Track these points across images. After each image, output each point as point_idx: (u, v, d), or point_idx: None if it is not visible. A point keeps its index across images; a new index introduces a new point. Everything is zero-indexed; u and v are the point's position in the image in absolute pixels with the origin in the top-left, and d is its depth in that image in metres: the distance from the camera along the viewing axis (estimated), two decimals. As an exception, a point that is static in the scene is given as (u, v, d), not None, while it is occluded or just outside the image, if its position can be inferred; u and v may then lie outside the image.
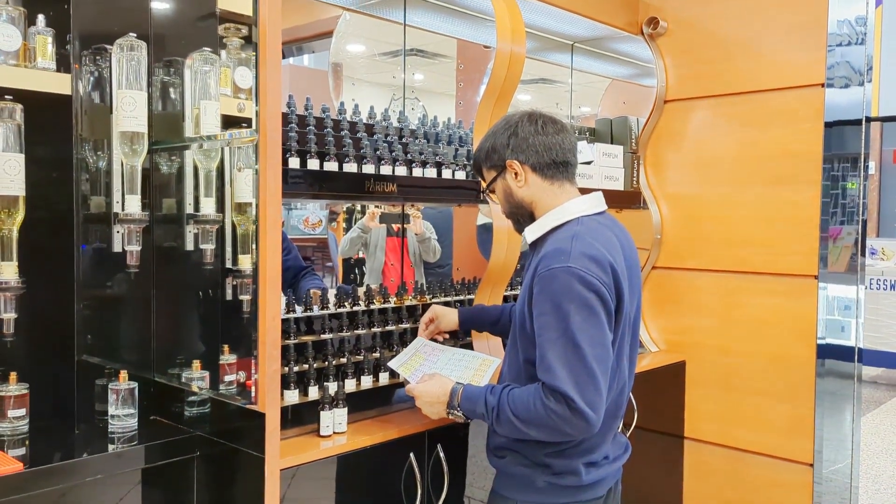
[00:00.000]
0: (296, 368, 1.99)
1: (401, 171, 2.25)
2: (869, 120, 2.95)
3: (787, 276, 2.83)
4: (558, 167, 1.80)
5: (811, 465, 2.81)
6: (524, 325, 1.74)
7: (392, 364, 2.05)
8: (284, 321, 2.01)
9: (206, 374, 1.96)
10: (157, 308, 1.95)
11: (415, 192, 2.27)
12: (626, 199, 3.10)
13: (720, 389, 3.01)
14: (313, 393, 2.01)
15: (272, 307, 1.62)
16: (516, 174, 1.80)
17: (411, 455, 2.04)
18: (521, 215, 1.86)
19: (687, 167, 3.10)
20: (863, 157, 2.94)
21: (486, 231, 3.25)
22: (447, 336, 2.27)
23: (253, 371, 1.76)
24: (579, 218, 1.77)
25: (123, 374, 1.83)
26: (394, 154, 2.25)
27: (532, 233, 1.82)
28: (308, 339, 2.09)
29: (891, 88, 8.60)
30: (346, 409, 1.97)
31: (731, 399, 2.98)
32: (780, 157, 2.83)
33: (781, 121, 2.83)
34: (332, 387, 2.00)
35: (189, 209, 1.95)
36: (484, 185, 1.93)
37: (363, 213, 2.70)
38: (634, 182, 3.15)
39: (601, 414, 1.61)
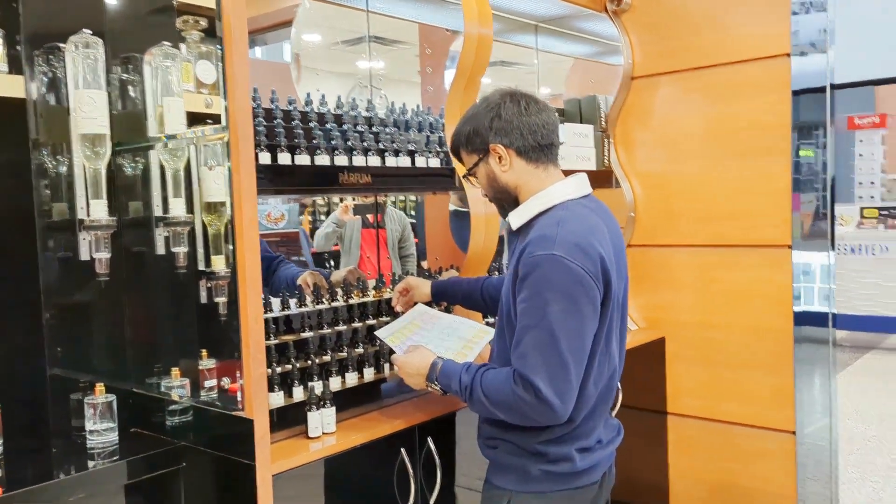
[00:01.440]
0: (279, 370, 1.93)
1: (374, 161, 2.19)
2: (834, 87, 2.97)
3: (761, 248, 2.85)
4: (543, 150, 1.75)
5: (793, 433, 2.84)
6: (509, 313, 1.71)
7: (379, 333, 2.04)
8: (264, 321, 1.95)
9: (186, 381, 1.89)
10: (129, 316, 1.88)
11: (390, 181, 2.22)
12: (598, 178, 3.07)
13: (701, 364, 3.02)
14: (298, 394, 1.95)
15: (254, 308, 1.56)
16: (500, 158, 1.74)
17: (402, 451, 2.01)
18: (506, 200, 1.81)
19: (657, 144, 3.09)
20: (828, 124, 2.97)
21: (457, 218, 3.22)
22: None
23: (238, 376, 1.70)
24: (565, 203, 1.73)
25: (100, 386, 1.75)
26: (365, 144, 2.19)
27: (517, 219, 1.77)
28: (289, 338, 2.03)
29: (842, 56, 8.71)
30: (333, 408, 1.92)
31: (713, 373, 2.99)
32: (750, 129, 2.84)
33: (749, 93, 2.83)
34: (318, 387, 1.94)
35: (157, 211, 1.87)
36: (463, 169, 1.88)
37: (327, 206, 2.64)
38: (606, 161, 3.13)
39: (570, 404, 1.61)
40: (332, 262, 2.59)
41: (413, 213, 3.02)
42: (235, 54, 1.50)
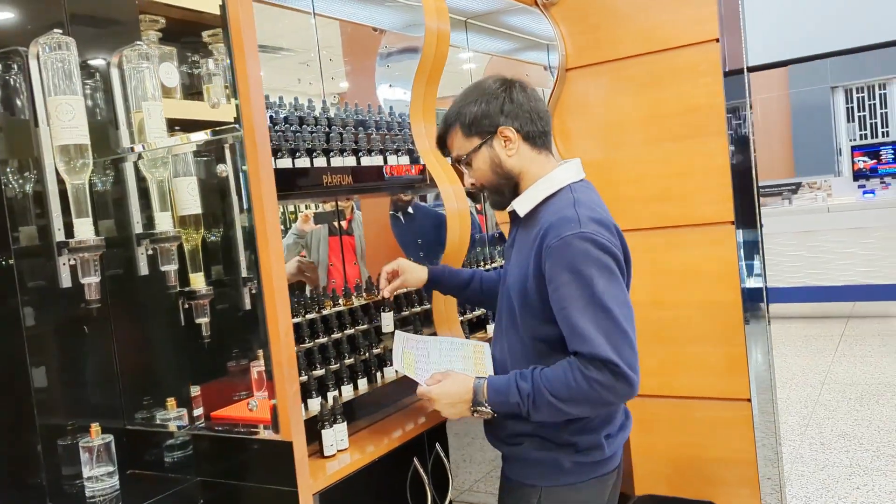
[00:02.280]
0: (283, 388, 1.81)
1: (350, 161, 2.10)
2: (759, 68, 3.14)
3: (705, 226, 2.96)
4: (545, 136, 1.75)
5: (749, 400, 2.97)
6: (527, 303, 1.66)
7: (396, 366, 1.88)
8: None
9: (183, 411, 1.74)
10: (118, 347, 1.69)
11: (369, 182, 2.14)
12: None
13: (656, 343, 3.10)
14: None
15: (284, 321, 1.44)
16: (508, 141, 1.70)
17: (415, 460, 1.93)
18: (507, 187, 1.75)
19: (596, 133, 3.15)
20: (749, 105, 3.14)
21: (400, 221, 3.15)
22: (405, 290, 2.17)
23: (257, 395, 1.57)
24: (570, 185, 1.72)
25: (95, 427, 1.57)
26: (343, 143, 2.09)
27: (523, 205, 1.74)
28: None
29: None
30: (345, 423, 1.82)
31: (668, 351, 3.08)
32: (685, 112, 2.94)
33: (682, 78, 2.93)
34: (330, 400, 1.83)
35: (138, 228, 1.70)
36: (456, 154, 1.78)
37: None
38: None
39: (638, 373, 1.56)
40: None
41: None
42: (247, 45, 1.38)
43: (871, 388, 5.08)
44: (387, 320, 2.09)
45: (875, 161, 7.68)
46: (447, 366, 1.84)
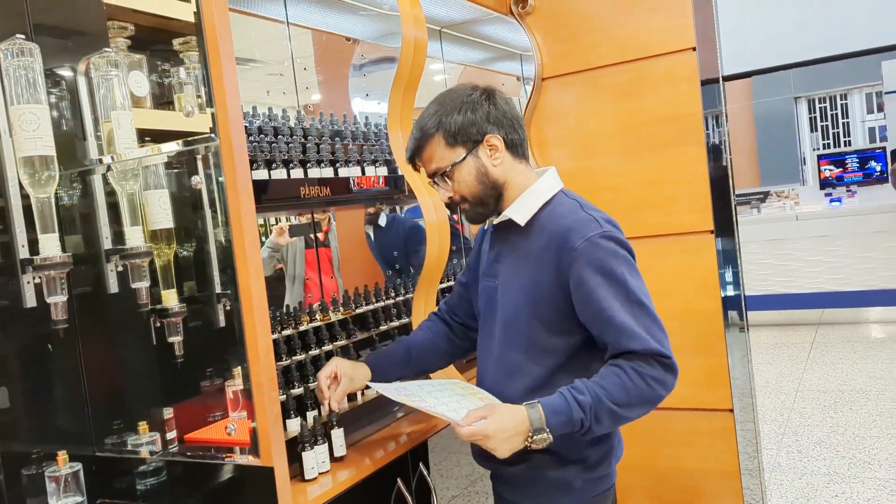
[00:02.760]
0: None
1: (328, 172, 2.04)
2: (726, 79, 3.15)
3: (685, 235, 2.94)
4: (524, 145, 1.72)
5: (731, 411, 2.95)
6: (539, 311, 1.60)
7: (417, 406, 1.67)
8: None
9: (156, 435, 1.65)
10: (86, 369, 1.61)
11: (348, 193, 2.07)
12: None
13: (637, 354, 3.07)
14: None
15: (264, 340, 1.37)
16: (494, 150, 1.64)
17: (399, 480, 1.87)
18: (493, 197, 1.68)
19: (573, 142, 3.12)
20: (724, 114, 3.14)
21: (378, 233, 3.09)
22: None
23: (233, 416, 1.50)
24: (563, 191, 1.73)
25: (63, 455, 1.48)
26: (320, 154, 2.03)
27: (520, 214, 1.68)
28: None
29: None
30: (325, 444, 1.75)
31: (649, 361, 3.05)
32: (663, 121, 2.93)
33: (660, 86, 2.92)
34: (310, 420, 1.76)
35: (107, 244, 1.62)
36: (435, 166, 1.66)
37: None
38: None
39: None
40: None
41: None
42: (224, 54, 1.32)
43: (844, 395, 5.12)
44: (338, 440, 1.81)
45: (841, 170, 7.79)
46: (454, 403, 1.66)
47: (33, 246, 1.45)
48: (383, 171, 2.25)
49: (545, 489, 1.63)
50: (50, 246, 1.42)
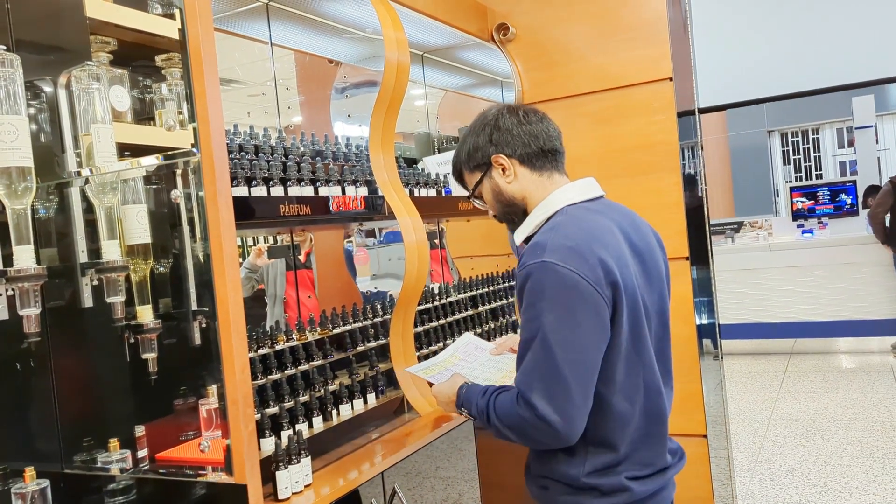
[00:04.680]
0: (234, 427, 1.71)
1: (308, 191, 2.04)
2: (702, 111, 3.22)
3: (661, 261, 2.97)
4: (546, 155, 1.66)
5: (705, 437, 2.97)
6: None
7: (410, 369, 1.92)
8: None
9: (127, 453, 1.63)
10: (57, 383, 1.58)
11: (327, 213, 2.07)
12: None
13: (612, 379, 3.08)
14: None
15: (240, 357, 1.36)
16: (504, 169, 1.65)
17: (373, 502, 1.85)
18: (515, 213, 1.69)
19: (552, 167, 3.15)
20: (700, 145, 3.20)
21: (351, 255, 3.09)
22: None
23: (206, 435, 1.48)
24: (564, 208, 1.61)
25: (30, 471, 1.45)
26: (301, 173, 2.03)
27: (521, 233, 1.67)
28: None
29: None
30: (300, 463, 1.73)
31: (624, 386, 3.06)
32: (640, 148, 2.98)
33: (636, 115, 2.97)
34: (284, 439, 1.74)
35: (83, 257, 1.61)
36: (468, 189, 1.75)
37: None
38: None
39: (576, 422, 1.47)
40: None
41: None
42: (206, 66, 1.32)
43: (816, 424, 5.16)
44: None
45: (813, 202, 7.93)
46: (477, 371, 1.86)
47: (7, 258, 1.44)
48: (363, 191, 2.25)
49: None
50: (24, 258, 1.40)
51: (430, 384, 1.82)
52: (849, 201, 7.85)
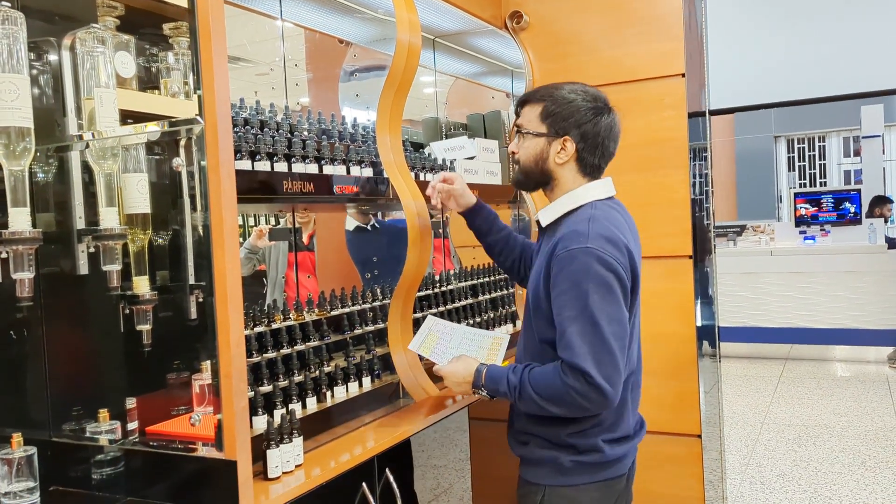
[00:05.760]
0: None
1: (312, 168, 2.01)
2: (713, 113, 3.19)
3: (664, 258, 2.95)
4: (595, 169, 1.85)
5: (699, 437, 2.95)
6: (539, 307, 1.76)
7: (412, 346, 2.08)
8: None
9: (117, 424, 1.61)
10: (49, 351, 1.56)
11: (328, 192, 2.04)
12: (502, 193, 3.06)
13: (609, 374, 3.06)
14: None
15: (236, 330, 1.34)
16: (563, 151, 1.80)
17: (363, 485, 1.83)
18: (538, 181, 1.87)
19: (559, 159, 3.12)
20: (710, 147, 3.17)
21: (358, 235, 3.06)
22: (452, 208, 2.23)
23: (198, 410, 1.46)
24: (593, 202, 1.80)
25: (17, 437, 1.43)
26: (305, 150, 2.00)
27: (547, 216, 1.86)
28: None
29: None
30: (292, 443, 1.70)
31: (621, 382, 3.04)
32: (649, 144, 2.95)
33: (647, 109, 2.94)
34: (277, 418, 1.72)
35: (80, 224, 1.58)
36: (521, 123, 1.87)
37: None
38: (510, 176, 3.11)
39: (619, 389, 1.65)
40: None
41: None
42: (214, 35, 1.29)
43: (809, 430, 5.15)
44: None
45: (816, 209, 7.91)
46: (463, 350, 2.05)
47: (3, 224, 1.41)
48: (368, 171, 2.22)
49: (542, 468, 1.81)
50: (20, 220, 1.37)
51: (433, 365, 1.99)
52: (852, 210, 7.82)
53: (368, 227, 3.00)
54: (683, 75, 2.88)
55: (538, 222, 1.91)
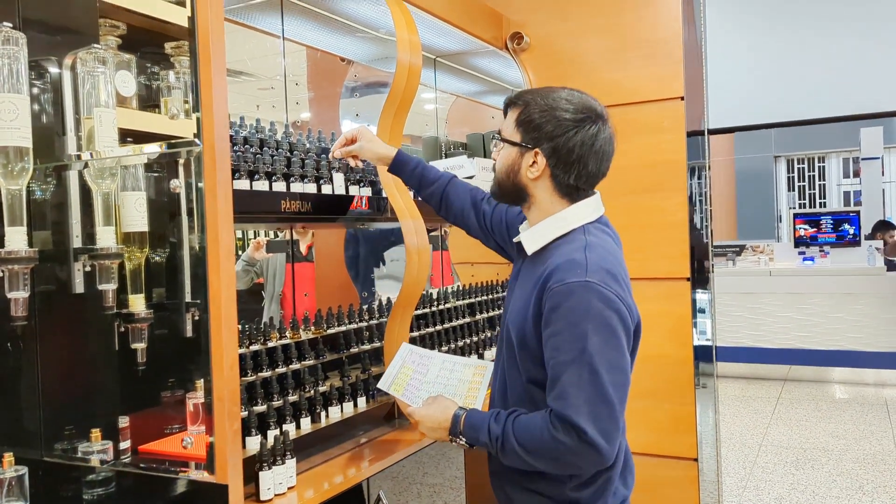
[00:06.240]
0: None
1: (311, 188, 2.02)
2: (710, 132, 3.19)
3: (661, 280, 2.95)
4: (574, 190, 1.60)
5: (696, 460, 2.94)
6: (525, 345, 1.55)
7: (381, 385, 1.83)
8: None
9: (109, 444, 1.60)
10: (42, 370, 1.55)
11: (330, 212, 2.05)
12: (501, 213, 3.06)
13: (606, 396, 3.05)
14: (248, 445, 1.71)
15: (230, 351, 1.33)
16: (534, 164, 1.57)
17: (356, 507, 1.82)
18: (511, 194, 1.66)
19: (558, 180, 3.13)
20: (708, 166, 3.18)
21: (354, 244, 3.06)
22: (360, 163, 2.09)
23: (191, 429, 1.45)
24: (584, 226, 1.59)
25: (8, 457, 1.42)
26: (304, 170, 2.01)
27: (532, 243, 1.62)
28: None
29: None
30: (285, 465, 1.69)
31: (617, 404, 3.03)
32: (647, 166, 2.96)
33: (646, 132, 2.95)
34: (270, 439, 1.71)
35: (77, 242, 1.58)
36: (500, 129, 1.67)
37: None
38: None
39: (616, 445, 1.44)
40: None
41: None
42: (214, 58, 1.30)
43: (807, 453, 5.13)
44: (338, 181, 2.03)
45: (815, 229, 7.91)
46: (441, 385, 1.83)
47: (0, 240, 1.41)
48: (367, 191, 2.23)
49: None
50: (16, 239, 1.38)
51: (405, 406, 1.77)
52: (851, 231, 7.82)
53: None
54: (683, 98, 2.90)
55: (519, 245, 1.69)
